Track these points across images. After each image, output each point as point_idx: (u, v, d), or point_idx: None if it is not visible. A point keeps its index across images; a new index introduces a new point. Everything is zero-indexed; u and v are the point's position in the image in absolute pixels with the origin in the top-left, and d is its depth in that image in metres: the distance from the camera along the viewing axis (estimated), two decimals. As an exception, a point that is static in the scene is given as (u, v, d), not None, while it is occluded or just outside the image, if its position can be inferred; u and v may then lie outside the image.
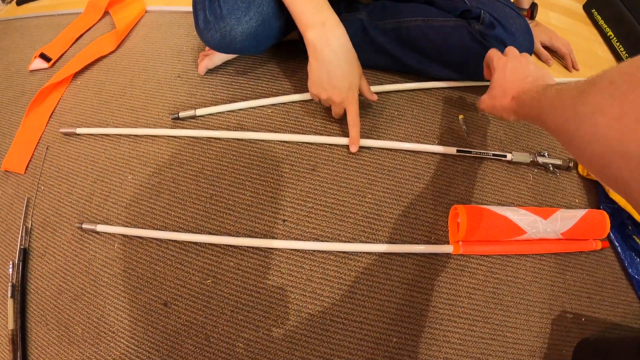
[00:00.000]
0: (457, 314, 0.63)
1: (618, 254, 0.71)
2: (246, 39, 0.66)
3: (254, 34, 0.66)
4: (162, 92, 0.83)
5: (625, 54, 0.95)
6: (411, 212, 0.70)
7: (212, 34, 0.66)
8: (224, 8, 0.63)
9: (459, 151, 0.74)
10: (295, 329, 0.61)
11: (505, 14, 0.70)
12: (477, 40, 0.70)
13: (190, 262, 0.66)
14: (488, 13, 0.70)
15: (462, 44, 0.71)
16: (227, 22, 0.64)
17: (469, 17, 0.72)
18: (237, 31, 0.65)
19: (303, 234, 0.67)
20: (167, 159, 0.75)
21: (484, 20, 0.70)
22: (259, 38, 0.67)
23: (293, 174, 0.72)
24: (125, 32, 0.94)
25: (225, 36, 0.65)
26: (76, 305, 0.65)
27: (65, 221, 0.72)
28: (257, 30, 0.65)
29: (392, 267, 0.65)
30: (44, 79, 0.90)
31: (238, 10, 0.63)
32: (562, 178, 0.76)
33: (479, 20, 0.70)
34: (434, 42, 0.72)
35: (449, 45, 0.72)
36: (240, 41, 0.66)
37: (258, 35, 0.66)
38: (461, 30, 0.71)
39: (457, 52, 0.72)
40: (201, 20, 0.66)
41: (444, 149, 0.74)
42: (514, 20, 0.70)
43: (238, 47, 0.67)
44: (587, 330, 0.65)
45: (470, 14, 0.71)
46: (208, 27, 0.66)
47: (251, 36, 0.66)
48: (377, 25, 0.75)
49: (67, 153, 0.79)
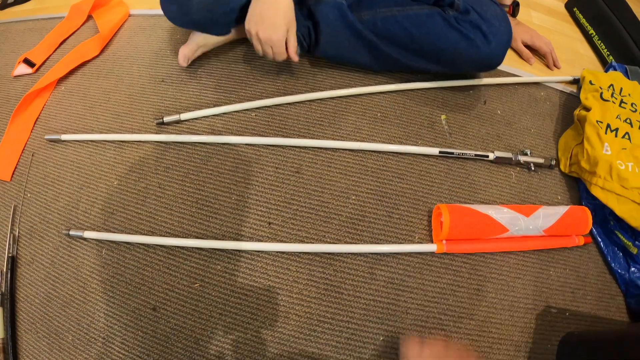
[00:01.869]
0: (442, 312, 0.64)
1: (601, 249, 0.72)
2: (201, 9, 0.68)
3: (210, 6, 0.68)
4: (147, 97, 0.83)
5: (606, 51, 0.96)
6: (395, 212, 0.70)
7: (170, 3, 0.69)
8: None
9: (441, 152, 0.74)
10: (283, 330, 0.62)
11: (480, 1, 0.71)
12: (452, 26, 0.69)
13: (177, 266, 0.66)
14: (462, 0, 0.70)
15: (436, 31, 0.70)
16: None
17: (443, 5, 0.72)
18: (193, 1, 0.67)
19: (288, 236, 0.68)
20: (153, 164, 0.75)
21: (458, 6, 0.70)
22: (215, 12, 0.70)
23: (277, 176, 0.73)
24: (109, 36, 0.94)
25: (182, 6, 0.68)
26: (66, 312, 0.65)
27: (53, 228, 0.72)
28: (212, 2, 0.68)
29: (377, 267, 0.66)
30: (29, 84, 0.89)
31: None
32: (544, 176, 0.77)
33: (452, 7, 0.70)
34: (410, 31, 0.71)
35: (423, 33, 0.71)
36: (196, 11, 0.68)
37: (213, 8, 0.69)
38: (435, 17, 0.70)
39: (432, 40, 0.71)
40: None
41: (426, 150, 0.75)
42: (488, 6, 0.70)
43: (195, 17, 0.70)
44: (571, 324, 0.67)
45: (443, 1, 0.72)
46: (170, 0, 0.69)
47: (206, 8, 0.68)
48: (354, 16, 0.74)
49: (52, 160, 0.79)
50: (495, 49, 0.70)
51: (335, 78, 0.83)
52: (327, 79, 0.83)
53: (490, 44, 0.69)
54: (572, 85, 0.91)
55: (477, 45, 0.69)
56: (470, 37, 0.69)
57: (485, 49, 0.69)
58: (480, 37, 0.69)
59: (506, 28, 0.70)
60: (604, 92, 0.79)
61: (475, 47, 0.69)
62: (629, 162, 0.69)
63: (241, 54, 0.86)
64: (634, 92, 0.81)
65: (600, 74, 0.85)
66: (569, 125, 0.82)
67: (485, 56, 0.71)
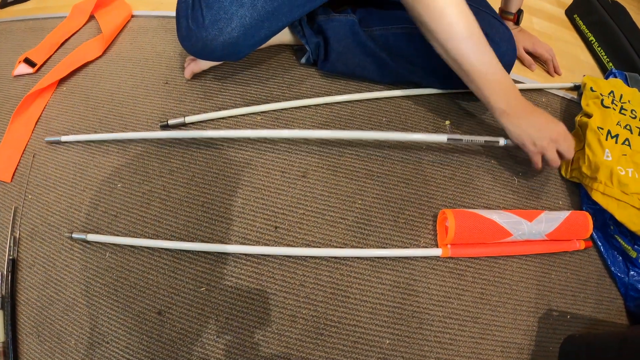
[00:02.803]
0: (447, 315, 0.65)
1: (601, 253, 0.73)
2: (227, 47, 0.66)
3: (235, 44, 0.66)
4: (151, 99, 0.83)
5: (606, 57, 0.98)
6: (400, 217, 0.71)
7: (193, 42, 0.66)
8: (206, 18, 0.63)
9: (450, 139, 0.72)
10: (290, 334, 0.62)
11: (490, 24, 0.72)
12: None
13: (183, 270, 0.66)
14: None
15: None
16: (209, 32, 0.64)
17: None
18: (218, 41, 0.65)
19: (295, 240, 0.68)
20: (157, 166, 0.75)
21: None
22: (240, 47, 0.68)
23: (284, 180, 0.73)
24: (112, 37, 0.93)
25: (206, 46, 0.66)
26: (68, 316, 0.64)
27: (55, 231, 0.71)
28: (238, 40, 0.66)
29: (383, 271, 0.66)
30: (29, 84, 0.88)
31: (220, 21, 0.63)
32: (546, 181, 0.78)
33: None
34: (421, 50, 0.73)
35: (436, 53, 0.72)
36: (220, 50, 0.66)
37: (239, 44, 0.67)
38: None
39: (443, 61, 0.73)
40: (183, 28, 0.66)
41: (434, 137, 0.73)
42: (497, 29, 0.71)
43: (218, 55, 0.68)
44: (572, 327, 0.68)
45: None
46: (190, 36, 0.66)
47: (232, 46, 0.66)
48: (365, 31, 0.75)
49: (54, 161, 0.78)
50: None
51: (341, 83, 0.84)
52: (333, 84, 0.83)
53: None
54: (573, 92, 0.92)
55: None
56: None
57: None
58: None
59: (512, 51, 0.72)
60: (604, 99, 0.80)
61: None
62: (629, 168, 0.70)
63: (246, 57, 0.86)
64: (633, 99, 0.82)
65: (600, 81, 0.86)
66: (570, 131, 0.83)
67: None
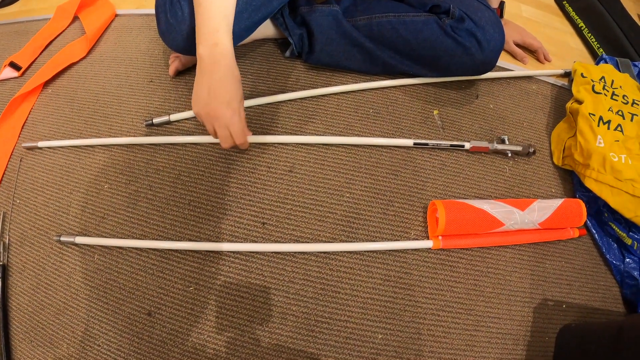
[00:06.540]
0: (440, 308, 0.64)
1: (595, 240, 0.72)
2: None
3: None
4: (136, 98, 0.82)
5: (596, 43, 0.96)
6: (390, 209, 0.70)
7: (174, 36, 0.65)
8: (185, 11, 0.62)
9: (416, 144, 0.74)
10: (280, 331, 0.61)
11: (474, 8, 0.70)
12: (448, 34, 0.70)
13: (171, 270, 0.65)
14: (457, 7, 0.70)
15: (433, 38, 0.71)
16: (188, 24, 0.63)
17: (439, 12, 0.72)
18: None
19: (283, 235, 0.67)
20: (143, 166, 0.74)
21: (453, 14, 0.70)
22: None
23: (270, 175, 0.72)
24: (96, 37, 0.92)
25: (187, 39, 0.64)
26: (59, 320, 0.64)
27: (44, 234, 0.71)
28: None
29: (373, 265, 0.66)
30: (15, 88, 0.87)
31: None
32: (538, 169, 0.77)
33: (448, 14, 0.70)
34: (406, 38, 0.72)
35: (420, 40, 0.71)
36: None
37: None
38: (431, 24, 0.70)
39: (428, 47, 0.72)
40: (163, 23, 0.65)
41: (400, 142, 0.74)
42: (482, 13, 0.70)
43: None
44: (568, 316, 0.67)
45: (439, 9, 0.72)
46: (170, 30, 0.65)
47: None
48: (349, 22, 0.74)
49: (41, 164, 0.77)
50: (488, 56, 0.71)
51: (327, 75, 0.82)
52: (318, 77, 0.82)
53: (484, 51, 0.70)
54: (563, 78, 0.91)
55: (471, 53, 0.70)
56: (465, 44, 0.69)
57: (479, 56, 0.70)
58: (475, 44, 0.69)
59: (500, 35, 0.71)
60: (595, 85, 0.79)
61: (470, 54, 0.70)
62: (622, 154, 0.69)
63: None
64: (625, 84, 0.81)
65: (591, 67, 0.85)
66: (561, 118, 0.82)
67: (479, 62, 0.71)
